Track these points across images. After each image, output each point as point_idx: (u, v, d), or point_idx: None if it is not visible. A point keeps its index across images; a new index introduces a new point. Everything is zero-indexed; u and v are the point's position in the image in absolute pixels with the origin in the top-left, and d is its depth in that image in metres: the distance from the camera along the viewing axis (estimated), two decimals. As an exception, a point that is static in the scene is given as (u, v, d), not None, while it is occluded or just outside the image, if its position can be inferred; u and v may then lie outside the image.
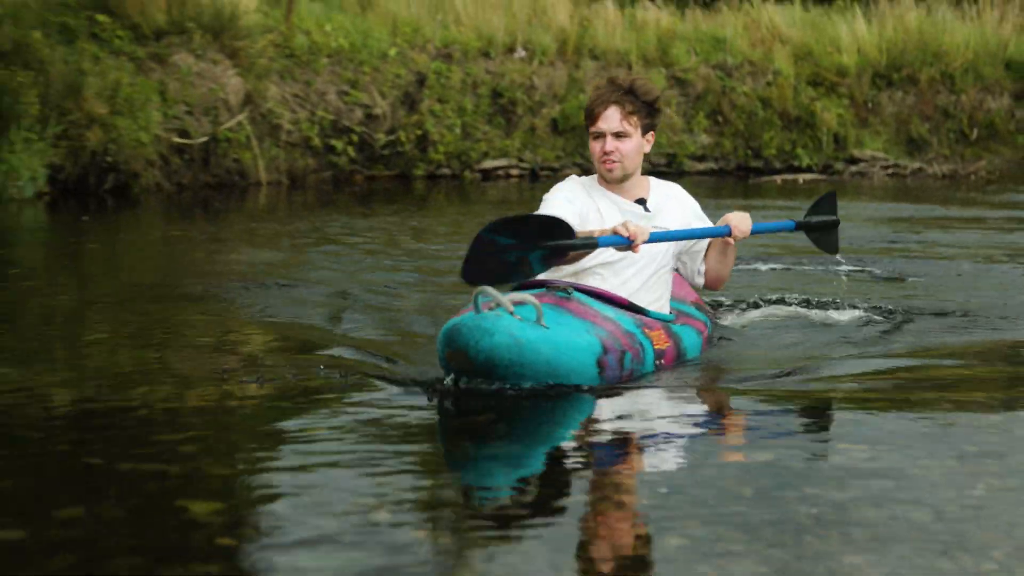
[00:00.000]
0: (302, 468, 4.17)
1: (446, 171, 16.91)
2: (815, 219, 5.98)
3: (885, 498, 3.70)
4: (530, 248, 4.99)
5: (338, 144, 16.20)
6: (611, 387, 4.91)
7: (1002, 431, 4.70)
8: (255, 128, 15.34)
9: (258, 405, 4.94)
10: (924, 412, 4.92)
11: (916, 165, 19.84)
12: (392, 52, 16.98)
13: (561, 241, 5.01)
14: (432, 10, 18.31)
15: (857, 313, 7.23)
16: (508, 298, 4.35)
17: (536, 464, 4.14)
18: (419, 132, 16.77)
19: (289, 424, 4.71)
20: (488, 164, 17.36)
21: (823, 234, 6.04)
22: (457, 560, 3.26)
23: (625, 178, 5.39)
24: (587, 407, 4.80)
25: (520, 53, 18.02)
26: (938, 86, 20.78)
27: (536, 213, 5.15)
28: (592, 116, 5.28)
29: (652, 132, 5.41)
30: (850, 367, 5.70)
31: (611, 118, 5.22)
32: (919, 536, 3.36)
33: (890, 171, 19.41)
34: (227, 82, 15.32)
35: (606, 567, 3.05)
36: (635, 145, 5.30)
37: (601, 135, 5.26)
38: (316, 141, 16.05)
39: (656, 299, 5.48)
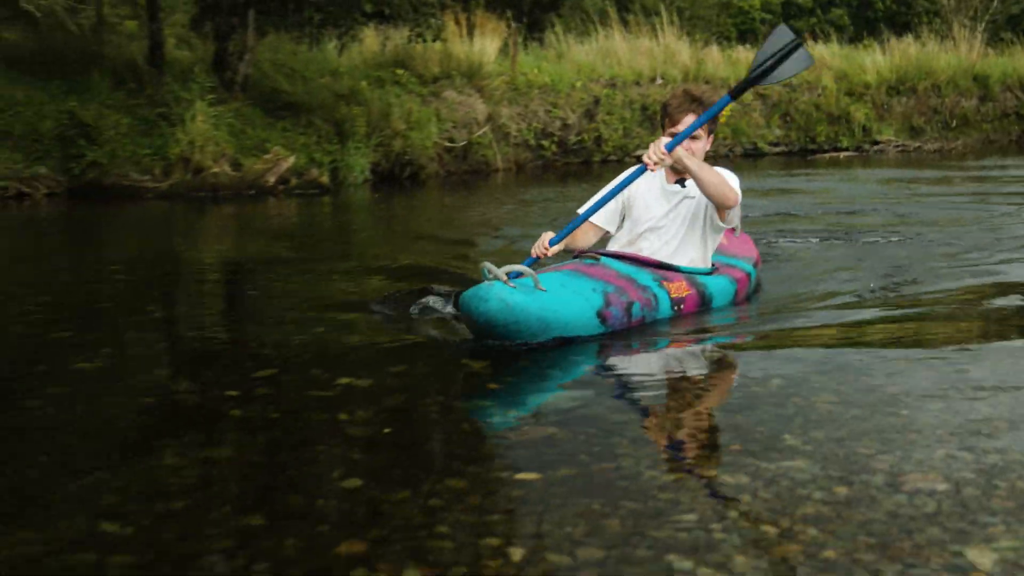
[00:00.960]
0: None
1: (613, 158, 16.66)
2: (760, 63, 4.33)
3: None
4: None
5: (545, 143, 16.06)
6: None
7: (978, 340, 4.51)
8: (494, 135, 15.36)
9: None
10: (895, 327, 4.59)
11: (916, 144, 18.99)
12: (578, 84, 16.77)
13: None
14: (603, 57, 18.15)
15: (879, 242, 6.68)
16: (505, 270, 3.69)
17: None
18: (596, 134, 16.56)
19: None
20: (640, 152, 17.16)
21: (784, 62, 4.29)
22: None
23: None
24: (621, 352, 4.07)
25: (659, 81, 17.67)
26: (929, 93, 19.96)
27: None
28: (673, 120, 4.40)
29: (713, 134, 4.53)
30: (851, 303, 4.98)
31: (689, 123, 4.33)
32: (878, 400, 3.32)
33: (899, 149, 18.73)
34: (476, 107, 15.32)
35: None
36: (704, 145, 4.41)
37: None
38: (532, 142, 15.90)
39: (694, 254, 4.54)
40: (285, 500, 2.49)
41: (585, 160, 16.34)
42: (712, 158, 4.78)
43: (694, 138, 4.33)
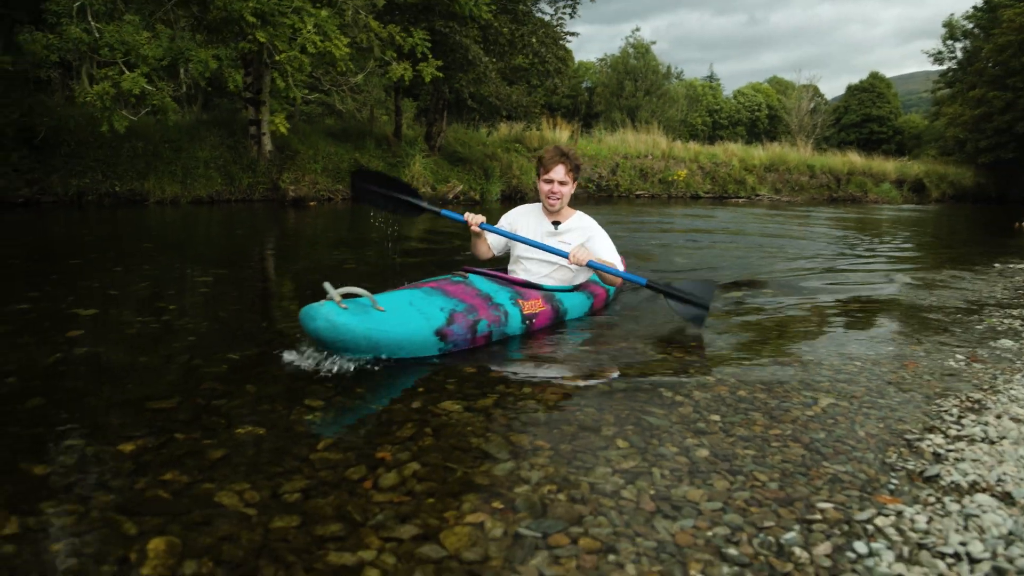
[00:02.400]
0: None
1: (624, 195, 16.11)
2: (675, 291, 2.86)
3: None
4: (397, 197, 3.05)
5: (590, 185, 15.46)
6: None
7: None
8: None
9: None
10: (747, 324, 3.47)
11: (778, 198, 18.04)
12: (607, 155, 16.13)
13: (419, 201, 3.05)
14: (621, 142, 17.36)
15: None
16: (341, 291, 2.13)
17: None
18: (616, 182, 15.82)
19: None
20: (637, 192, 16.50)
21: (689, 309, 2.82)
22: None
23: (560, 209, 2.96)
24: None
25: (649, 156, 17.04)
26: (785, 171, 19.05)
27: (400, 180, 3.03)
28: (546, 169, 2.92)
29: (576, 182, 2.96)
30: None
31: (559, 171, 2.89)
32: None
33: (769, 200, 17.89)
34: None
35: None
36: (569, 189, 2.93)
37: (551, 181, 2.90)
38: (582, 184, 15.36)
39: (561, 278, 3.00)
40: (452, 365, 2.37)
41: (609, 195, 15.91)
42: (675, 198, 4.37)
43: (563, 183, 2.94)
